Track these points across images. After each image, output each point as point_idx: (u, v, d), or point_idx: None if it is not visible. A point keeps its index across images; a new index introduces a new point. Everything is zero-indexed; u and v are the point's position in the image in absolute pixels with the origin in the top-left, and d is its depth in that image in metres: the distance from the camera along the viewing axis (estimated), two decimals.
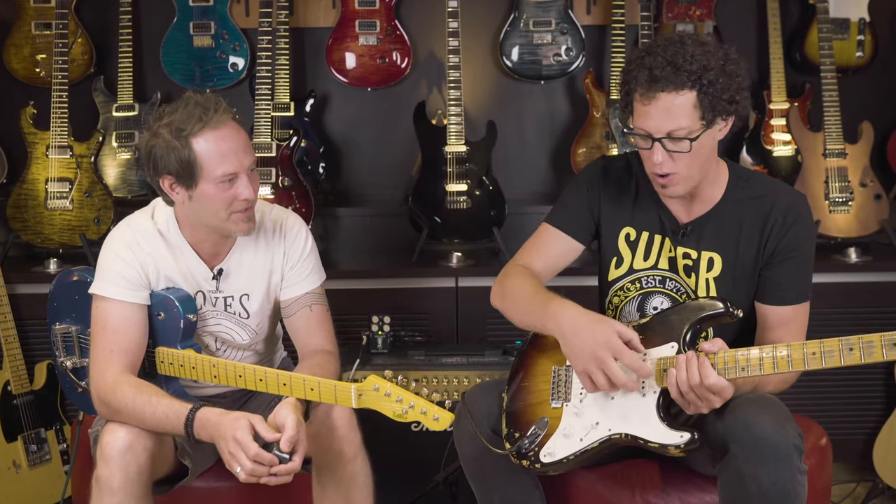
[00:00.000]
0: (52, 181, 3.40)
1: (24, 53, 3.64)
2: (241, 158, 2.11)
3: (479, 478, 2.17)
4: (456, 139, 3.44)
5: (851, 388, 3.35)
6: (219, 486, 2.39)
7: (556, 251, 2.23)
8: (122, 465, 2.04)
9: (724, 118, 2.01)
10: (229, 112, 2.14)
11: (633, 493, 2.18)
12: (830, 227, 3.46)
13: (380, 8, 3.65)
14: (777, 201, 2.07)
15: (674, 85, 1.94)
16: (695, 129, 1.97)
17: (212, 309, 2.30)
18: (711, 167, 2.08)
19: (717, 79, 1.95)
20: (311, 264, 2.35)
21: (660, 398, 1.95)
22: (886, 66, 3.79)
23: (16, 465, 3.12)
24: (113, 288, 2.19)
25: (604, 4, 3.75)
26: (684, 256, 2.14)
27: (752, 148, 3.75)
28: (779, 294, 2.08)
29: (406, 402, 1.98)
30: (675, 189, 2.05)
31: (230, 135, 2.11)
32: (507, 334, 3.12)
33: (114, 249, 2.22)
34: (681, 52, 1.95)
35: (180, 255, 2.25)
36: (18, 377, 3.15)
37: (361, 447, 2.22)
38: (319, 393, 2.05)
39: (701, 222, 2.12)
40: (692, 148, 1.98)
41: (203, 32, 3.66)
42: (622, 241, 2.20)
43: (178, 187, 2.15)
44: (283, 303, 2.35)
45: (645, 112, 1.99)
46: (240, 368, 2.16)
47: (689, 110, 1.96)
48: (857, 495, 3.23)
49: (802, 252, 2.07)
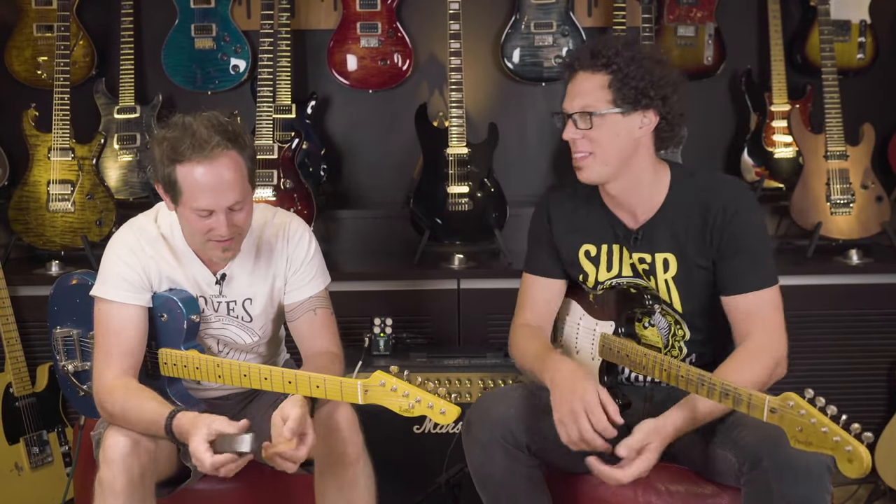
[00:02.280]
0: (54, 183, 3.40)
1: (25, 55, 3.64)
2: (219, 198, 2.06)
3: (488, 486, 2.17)
4: (457, 141, 3.44)
5: (853, 390, 3.35)
6: (221, 488, 2.39)
7: (543, 297, 2.32)
8: (124, 468, 2.04)
9: (639, 109, 2.09)
10: (232, 144, 2.07)
11: (634, 495, 2.19)
12: (832, 228, 3.46)
13: (381, 10, 3.65)
14: (717, 195, 2.12)
15: (589, 66, 2.10)
16: (601, 109, 2.08)
17: (214, 313, 2.29)
18: (636, 164, 2.13)
19: (627, 66, 2.06)
20: (315, 268, 2.34)
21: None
22: (887, 67, 3.79)
23: (18, 468, 3.12)
24: (114, 290, 2.19)
25: (605, 6, 3.75)
26: (640, 261, 2.20)
27: (754, 150, 3.75)
28: (734, 284, 2.11)
29: (412, 397, 1.95)
30: (589, 173, 2.14)
31: (216, 171, 2.05)
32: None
33: (116, 252, 2.22)
34: (603, 42, 2.11)
35: (183, 259, 2.25)
36: (20, 379, 3.15)
37: (364, 450, 2.22)
38: (325, 390, 2.03)
39: (650, 226, 2.18)
40: (593, 124, 2.08)
41: (204, 34, 3.67)
42: (583, 259, 2.27)
43: (167, 198, 2.15)
44: (288, 307, 2.34)
45: (567, 93, 2.15)
46: (244, 368, 2.15)
47: (599, 91, 2.08)
48: (859, 497, 3.23)
49: (750, 241, 2.11)
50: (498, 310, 3.27)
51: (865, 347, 3.34)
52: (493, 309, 3.28)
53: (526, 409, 2.14)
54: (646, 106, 2.09)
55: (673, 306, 2.19)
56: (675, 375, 1.99)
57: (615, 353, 2.19)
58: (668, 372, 2.01)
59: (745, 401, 1.81)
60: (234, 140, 2.07)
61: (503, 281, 3.30)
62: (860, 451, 1.62)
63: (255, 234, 2.28)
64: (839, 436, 1.65)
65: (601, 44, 2.11)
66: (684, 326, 2.22)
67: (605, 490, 2.20)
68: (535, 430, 2.12)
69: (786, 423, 1.73)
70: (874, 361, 3.35)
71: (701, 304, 2.18)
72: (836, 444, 1.65)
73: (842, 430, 1.65)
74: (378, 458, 2.26)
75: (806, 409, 1.70)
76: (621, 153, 2.11)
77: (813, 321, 3.30)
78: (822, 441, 1.67)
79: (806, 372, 3.05)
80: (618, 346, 2.18)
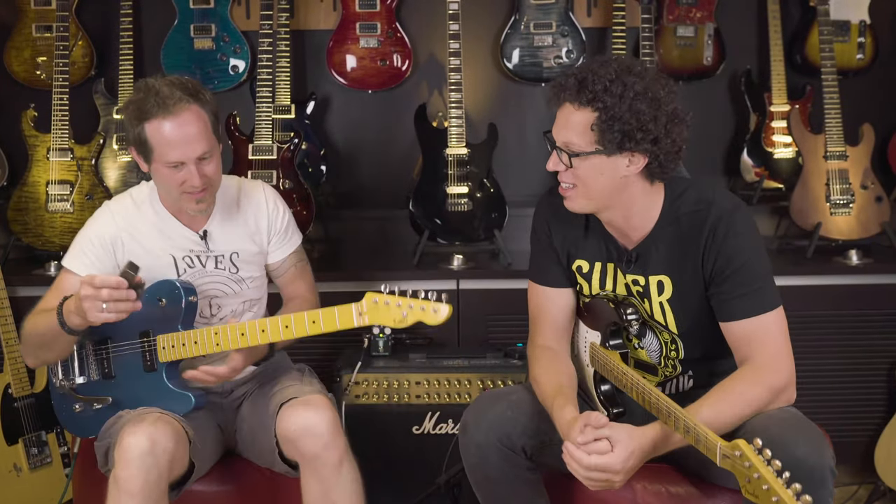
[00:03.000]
0: (53, 184, 3.40)
1: (24, 56, 3.64)
2: (187, 149, 2.22)
3: (484, 487, 2.16)
4: (457, 141, 3.44)
5: (853, 390, 3.35)
6: (217, 490, 2.41)
7: (557, 308, 2.25)
8: (142, 468, 2.08)
9: (624, 151, 1.96)
10: (193, 99, 2.23)
11: (634, 497, 2.18)
12: (831, 229, 3.46)
13: (380, 10, 3.65)
14: (708, 216, 2.02)
15: (575, 99, 1.97)
16: (583, 149, 1.98)
17: (203, 269, 2.42)
18: (626, 197, 2.04)
19: (614, 106, 1.93)
20: (292, 227, 2.56)
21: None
22: (887, 68, 3.79)
23: (16, 468, 3.11)
24: (76, 262, 2.37)
25: (604, 6, 3.75)
26: (634, 283, 2.14)
27: (753, 150, 3.75)
28: (729, 311, 2.01)
29: (404, 306, 2.02)
30: (572, 204, 2.08)
31: (182, 125, 2.21)
32: (509, 336, 3.12)
33: (86, 231, 2.41)
34: (595, 73, 1.96)
35: (163, 223, 2.39)
36: (19, 380, 3.15)
37: (347, 452, 2.26)
38: (322, 323, 2.12)
39: (643, 248, 2.11)
40: (573, 164, 2.00)
41: (204, 35, 3.66)
42: (576, 273, 2.22)
43: (140, 159, 2.30)
44: (273, 265, 2.55)
45: (556, 118, 2.04)
46: (241, 327, 2.23)
47: (582, 129, 1.97)
48: (859, 497, 3.23)
49: (744, 264, 2.00)
50: (497, 310, 3.28)
51: (865, 348, 3.34)
52: (493, 309, 3.28)
53: (523, 411, 2.13)
54: (631, 149, 1.96)
55: (668, 328, 2.13)
56: (647, 401, 1.96)
57: (602, 365, 2.18)
58: (642, 396, 1.98)
59: (703, 441, 1.77)
60: (195, 95, 2.24)
61: (502, 281, 3.30)
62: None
63: (231, 194, 2.46)
64: (778, 496, 1.59)
65: (590, 74, 1.96)
66: (679, 346, 2.15)
67: (604, 491, 2.20)
68: (531, 433, 2.11)
69: (736, 471, 1.69)
70: (874, 362, 3.35)
71: (697, 324, 2.10)
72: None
73: (783, 490, 1.59)
74: (377, 459, 2.27)
75: (752, 462, 1.64)
76: (604, 190, 2.02)
77: (813, 322, 3.30)
78: (764, 497, 1.62)
79: (806, 372, 3.02)
80: (602, 357, 2.17)
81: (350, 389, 2.87)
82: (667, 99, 1.97)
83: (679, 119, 2.00)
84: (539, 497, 2.17)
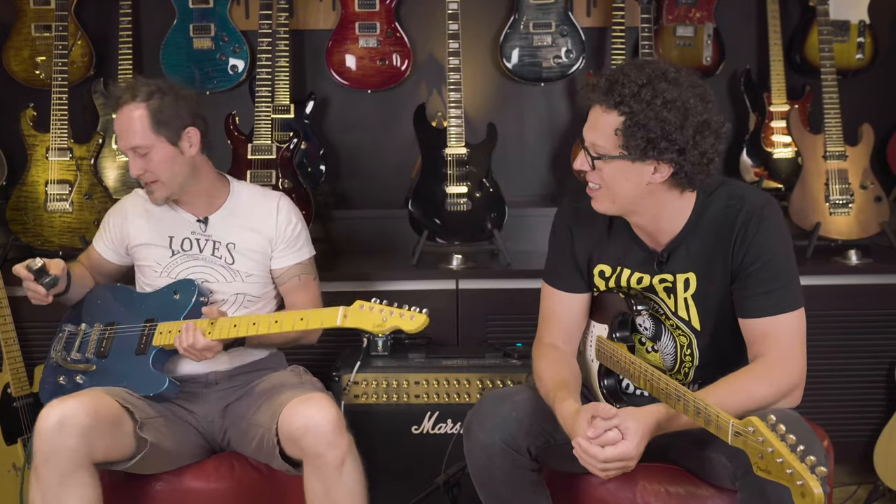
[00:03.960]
0: (52, 183, 3.40)
1: (23, 55, 3.64)
2: (122, 140, 2.51)
3: (488, 488, 2.16)
4: (456, 141, 3.43)
5: (852, 390, 3.35)
6: (215, 487, 2.41)
7: (568, 313, 2.24)
8: (48, 441, 2.19)
9: (649, 159, 1.95)
10: (136, 99, 2.47)
11: (633, 496, 2.18)
12: (831, 229, 3.46)
13: (380, 10, 3.65)
14: (740, 211, 2.03)
15: (603, 101, 1.97)
16: (608, 152, 1.98)
17: (198, 253, 2.57)
18: (653, 203, 2.04)
19: (641, 111, 1.91)
20: (302, 240, 2.66)
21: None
22: (886, 68, 3.79)
23: (16, 468, 3.11)
24: (97, 238, 2.74)
25: (604, 6, 3.75)
26: (661, 282, 2.13)
27: (753, 150, 3.75)
28: (751, 307, 2.02)
29: (386, 313, 2.21)
30: (598, 205, 2.08)
31: (122, 118, 2.50)
32: (508, 336, 3.12)
33: (108, 212, 2.75)
34: (627, 76, 1.95)
35: (163, 211, 2.61)
36: (18, 379, 3.15)
37: (350, 451, 2.28)
38: (308, 321, 2.33)
39: (672, 248, 2.10)
40: (596, 166, 2.00)
41: (203, 34, 3.66)
42: (597, 276, 2.21)
43: None
44: (277, 271, 2.64)
45: (587, 118, 2.04)
46: (235, 319, 2.39)
47: (608, 133, 1.97)
48: (858, 497, 3.23)
49: (770, 261, 2.00)
50: (497, 310, 3.28)
51: (865, 347, 3.34)
52: (492, 309, 3.28)
53: (527, 411, 2.12)
54: (655, 158, 1.94)
55: (690, 323, 2.13)
56: (656, 387, 1.96)
57: (608, 358, 2.17)
58: (650, 383, 1.98)
59: (714, 421, 1.78)
60: (149, 96, 2.48)
61: (502, 281, 3.30)
62: (811, 486, 1.58)
63: (243, 198, 2.64)
64: (793, 468, 1.60)
65: (622, 76, 1.95)
66: (695, 350, 2.14)
67: (604, 491, 2.21)
68: (536, 433, 2.11)
69: (749, 449, 1.70)
70: (874, 361, 3.35)
71: (719, 323, 2.10)
72: (789, 476, 1.61)
73: (797, 463, 1.61)
74: (377, 459, 2.27)
75: (765, 437, 1.65)
76: (629, 195, 2.02)
77: (812, 321, 3.24)
78: (778, 471, 1.63)
79: (806, 372, 3.04)
80: (609, 350, 2.16)
81: (349, 389, 2.87)
82: (698, 109, 1.94)
83: (710, 130, 1.96)
84: (542, 497, 2.17)
